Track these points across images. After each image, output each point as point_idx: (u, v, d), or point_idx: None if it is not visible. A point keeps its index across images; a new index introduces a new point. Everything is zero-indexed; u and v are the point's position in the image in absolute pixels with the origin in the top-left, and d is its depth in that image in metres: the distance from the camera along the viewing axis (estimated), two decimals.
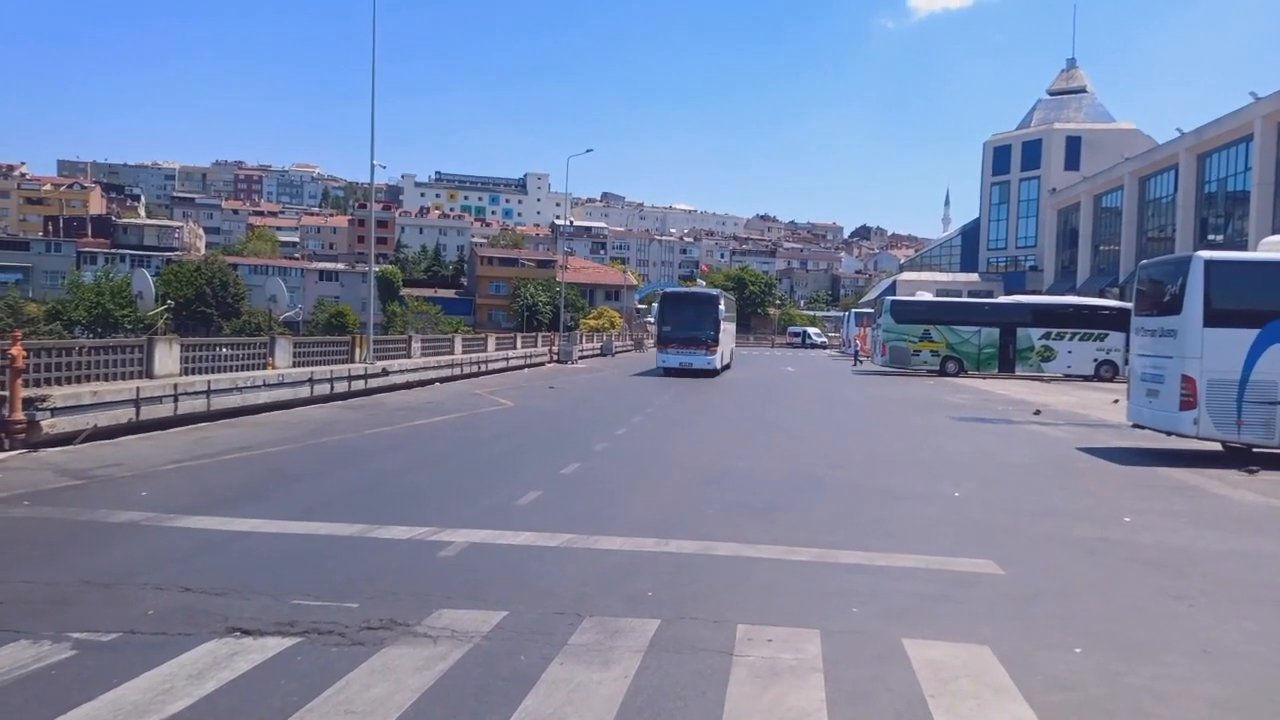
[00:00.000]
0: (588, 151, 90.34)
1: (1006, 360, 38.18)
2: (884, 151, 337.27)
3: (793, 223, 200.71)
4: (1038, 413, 22.08)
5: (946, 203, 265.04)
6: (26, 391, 12.49)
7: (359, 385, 22.88)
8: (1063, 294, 53.87)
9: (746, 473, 12.10)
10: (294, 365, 20.60)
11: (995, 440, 16.81)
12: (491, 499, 9.73)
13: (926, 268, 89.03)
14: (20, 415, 12.21)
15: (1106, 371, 36.86)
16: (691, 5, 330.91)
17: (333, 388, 21.43)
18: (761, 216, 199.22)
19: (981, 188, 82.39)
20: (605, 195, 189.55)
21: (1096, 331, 37.39)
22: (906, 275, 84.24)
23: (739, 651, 5.21)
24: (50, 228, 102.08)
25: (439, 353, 30.89)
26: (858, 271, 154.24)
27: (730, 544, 7.84)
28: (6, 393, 12.16)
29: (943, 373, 38.15)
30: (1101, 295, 50.00)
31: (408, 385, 25.82)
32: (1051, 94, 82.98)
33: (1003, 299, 45.67)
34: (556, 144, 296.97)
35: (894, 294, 56.20)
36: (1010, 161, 78.26)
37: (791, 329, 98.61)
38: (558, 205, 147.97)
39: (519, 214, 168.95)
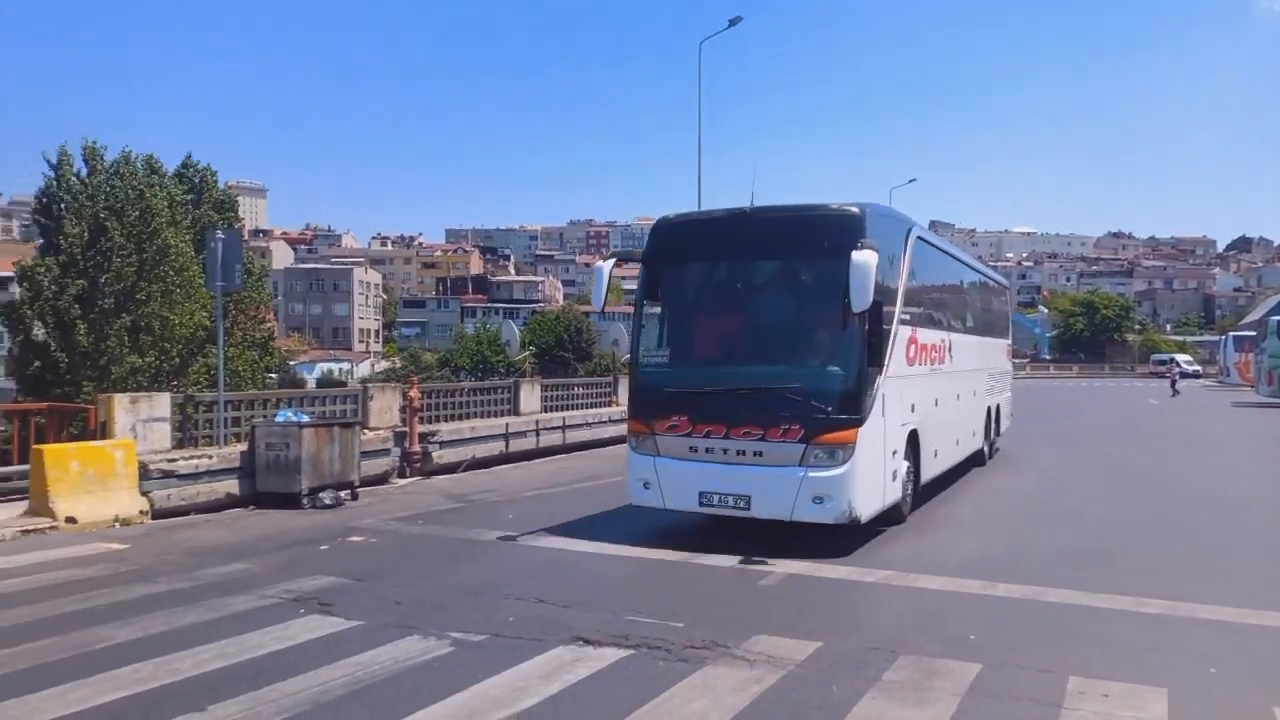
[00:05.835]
0: (910, 181, 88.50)
1: None
2: (1265, 151, 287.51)
3: (1152, 238, 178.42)
4: None
5: None
6: (422, 428, 14.83)
7: None
8: None
9: (1082, 513, 11.19)
10: None
11: None
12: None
13: None
14: (417, 447, 14.51)
15: None
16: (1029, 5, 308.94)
17: None
18: (1114, 234, 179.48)
19: None
20: (933, 224, 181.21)
21: None
22: None
23: (1069, 704, 4.91)
24: (440, 287, 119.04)
25: None
26: (1236, 289, 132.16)
27: (1063, 590, 7.33)
28: (407, 429, 14.52)
29: None
30: None
31: None
32: None
33: None
34: (880, 175, 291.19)
35: None
36: None
37: (1155, 356, 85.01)
38: None
39: None
